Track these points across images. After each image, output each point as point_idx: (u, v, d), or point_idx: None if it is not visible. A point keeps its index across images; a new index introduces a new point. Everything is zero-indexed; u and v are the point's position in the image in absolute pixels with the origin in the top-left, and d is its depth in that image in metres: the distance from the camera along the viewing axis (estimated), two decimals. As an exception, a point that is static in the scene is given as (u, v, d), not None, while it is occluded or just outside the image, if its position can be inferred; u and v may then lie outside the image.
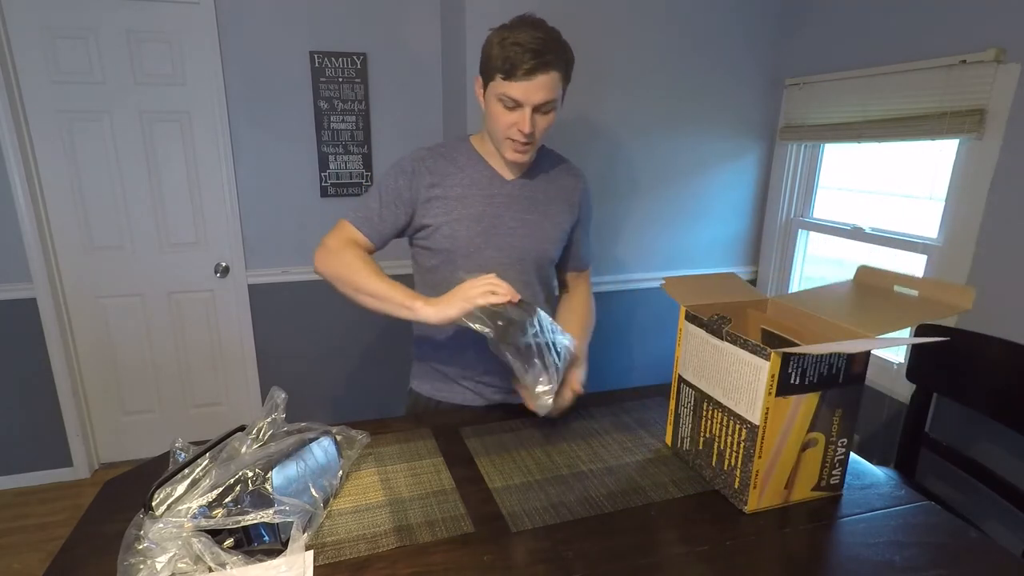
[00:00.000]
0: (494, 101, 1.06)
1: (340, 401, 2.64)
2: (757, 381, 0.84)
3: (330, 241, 1.15)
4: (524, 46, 0.99)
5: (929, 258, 1.82)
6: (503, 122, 1.07)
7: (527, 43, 1.00)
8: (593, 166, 2.19)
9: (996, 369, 1.39)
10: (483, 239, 1.16)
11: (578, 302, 1.34)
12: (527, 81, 1.01)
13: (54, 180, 2.18)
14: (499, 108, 1.06)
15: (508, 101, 1.04)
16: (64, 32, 2.05)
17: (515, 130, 1.06)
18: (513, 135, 1.07)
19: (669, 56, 2.15)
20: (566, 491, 0.95)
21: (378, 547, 0.81)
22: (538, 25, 1.04)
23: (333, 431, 1.00)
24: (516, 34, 1.01)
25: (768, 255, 2.46)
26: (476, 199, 1.16)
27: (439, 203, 1.15)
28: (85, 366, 2.38)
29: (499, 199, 1.17)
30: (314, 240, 2.45)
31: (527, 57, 1.00)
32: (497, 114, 1.07)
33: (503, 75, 1.02)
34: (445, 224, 1.15)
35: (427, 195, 1.15)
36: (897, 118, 1.83)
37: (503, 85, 1.03)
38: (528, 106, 1.04)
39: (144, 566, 0.72)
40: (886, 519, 0.89)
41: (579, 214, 1.28)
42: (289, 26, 2.21)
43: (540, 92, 1.03)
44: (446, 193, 1.15)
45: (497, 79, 1.03)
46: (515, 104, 1.04)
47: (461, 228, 1.15)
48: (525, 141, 1.08)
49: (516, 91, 1.02)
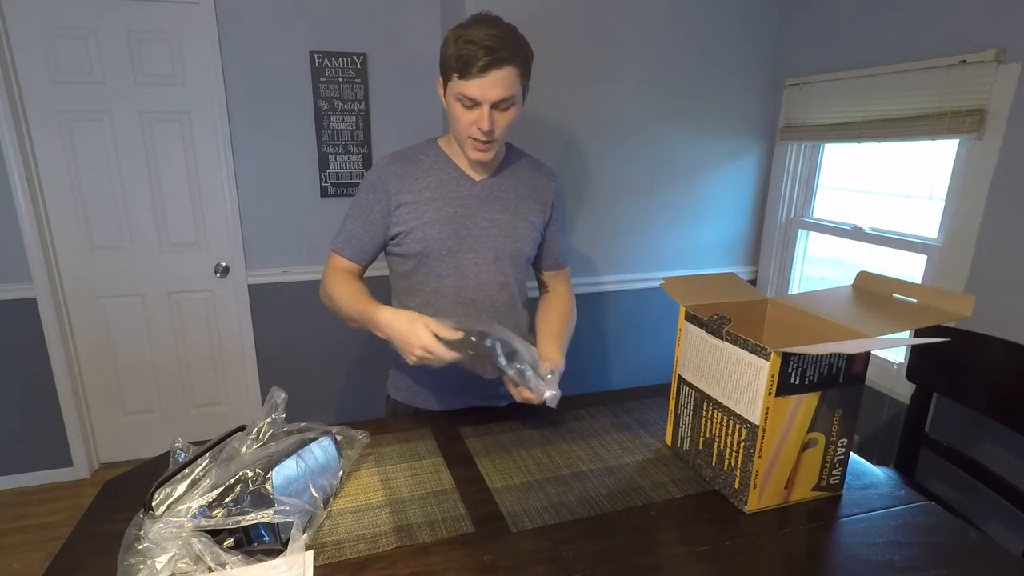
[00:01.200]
0: (453, 101, 1.06)
1: (340, 401, 2.64)
2: (757, 381, 0.84)
3: (324, 275, 1.20)
4: (478, 43, 0.99)
5: (929, 258, 1.82)
6: (463, 121, 1.07)
7: (481, 40, 1.00)
8: (593, 166, 2.19)
9: (996, 369, 1.39)
10: (455, 241, 1.16)
11: (557, 301, 1.32)
12: (482, 78, 1.01)
13: (54, 180, 2.18)
14: (458, 107, 1.06)
15: (466, 100, 1.04)
16: (64, 32, 2.05)
17: (475, 128, 1.06)
18: (473, 134, 1.07)
19: (669, 56, 2.15)
20: (566, 491, 0.95)
21: (378, 547, 0.81)
22: (492, 22, 1.04)
23: (333, 431, 1.00)
24: (470, 32, 1.01)
25: (768, 255, 2.46)
26: (445, 201, 1.16)
27: (408, 208, 1.15)
28: (85, 366, 2.38)
29: (469, 200, 1.17)
30: (314, 240, 2.47)
31: (481, 54, 1.00)
32: (457, 114, 1.07)
33: (458, 74, 1.02)
34: (416, 228, 1.15)
35: (397, 202, 1.15)
36: (897, 118, 1.83)
37: (459, 84, 1.03)
38: (486, 104, 1.04)
39: (144, 566, 0.72)
40: (886, 519, 0.89)
41: (552, 213, 1.27)
42: (289, 26, 2.21)
43: (496, 89, 1.03)
44: (415, 198, 1.15)
45: (454, 78, 1.04)
46: (473, 103, 1.04)
47: (432, 231, 1.14)
48: (485, 139, 1.08)
49: (472, 89, 1.02)
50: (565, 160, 2.14)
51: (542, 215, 1.25)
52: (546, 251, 1.31)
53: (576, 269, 2.27)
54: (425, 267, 1.18)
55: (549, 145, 2.11)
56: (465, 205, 1.16)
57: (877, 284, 1.01)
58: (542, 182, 1.25)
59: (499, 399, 1.26)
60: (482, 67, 1.00)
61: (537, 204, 1.24)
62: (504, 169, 1.21)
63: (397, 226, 1.16)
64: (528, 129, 2.07)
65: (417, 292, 1.20)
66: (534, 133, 2.08)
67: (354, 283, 1.16)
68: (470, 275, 1.18)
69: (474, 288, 1.19)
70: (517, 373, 1.02)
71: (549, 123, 2.09)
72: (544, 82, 2.04)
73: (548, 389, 1.03)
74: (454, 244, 1.16)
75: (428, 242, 1.15)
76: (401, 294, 1.24)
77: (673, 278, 1.08)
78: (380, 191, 1.16)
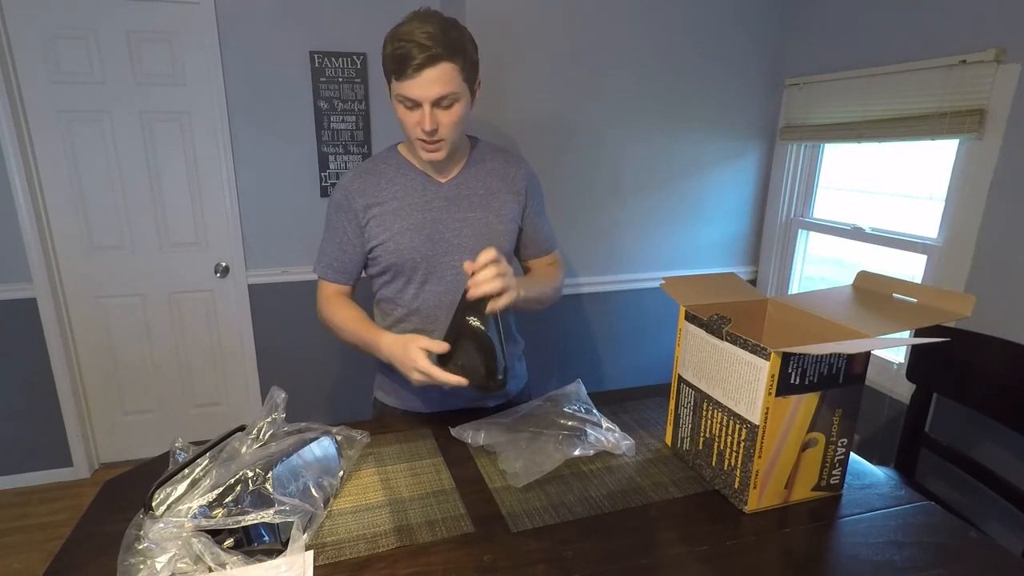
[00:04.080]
0: (396, 103, 1.04)
1: (340, 401, 2.64)
2: (757, 381, 0.84)
3: (318, 301, 1.21)
4: (412, 41, 0.96)
5: (929, 258, 1.82)
6: (408, 123, 1.04)
7: (414, 38, 0.96)
8: (593, 166, 2.19)
9: (996, 369, 1.39)
10: (429, 247, 1.14)
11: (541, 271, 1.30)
12: (418, 77, 0.97)
13: (54, 180, 2.18)
14: (401, 109, 1.03)
15: (407, 101, 1.01)
16: (64, 32, 2.05)
17: (418, 129, 1.03)
18: (418, 134, 1.04)
19: (669, 56, 2.15)
20: (566, 491, 0.95)
21: (378, 547, 0.81)
22: (428, 18, 0.99)
23: (333, 431, 1.00)
24: (403, 30, 0.97)
25: (768, 255, 2.46)
26: (413, 208, 1.13)
27: (377, 221, 1.13)
28: (85, 366, 2.38)
29: (436, 203, 1.14)
30: (314, 240, 2.45)
31: (414, 52, 0.96)
32: (401, 115, 1.04)
33: (395, 75, 0.99)
34: (388, 240, 1.13)
35: (365, 217, 1.13)
36: (897, 118, 1.83)
37: (398, 85, 1.00)
38: (426, 103, 1.00)
39: (144, 566, 0.72)
40: (886, 519, 0.89)
41: (526, 200, 1.23)
42: (289, 26, 2.21)
43: (434, 87, 0.99)
44: (382, 210, 1.13)
45: (393, 80, 1.01)
46: (413, 103, 1.01)
47: (404, 240, 1.12)
48: (431, 139, 1.05)
49: (410, 89, 0.99)
50: (565, 160, 2.14)
51: (517, 205, 1.22)
52: (529, 239, 1.28)
53: (576, 269, 2.27)
54: (403, 277, 1.16)
55: (549, 145, 2.11)
56: (434, 209, 1.14)
57: (877, 284, 1.01)
58: (512, 171, 1.22)
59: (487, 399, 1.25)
60: (417, 66, 0.96)
61: (510, 195, 1.20)
62: (471, 166, 1.18)
63: (370, 241, 1.15)
64: (527, 130, 2.07)
65: (397, 303, 1.19)
66: (533, 134, 2.08)
67: (349, 308, 1.16)
68: (448, 279, 1.16)
69: (455, 292, 1.15)
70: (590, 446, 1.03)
71: (549, 123, 2.09)
72: (543, 82, 2.04)
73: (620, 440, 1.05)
74: (428, 250, 1.14)
75: (401, 252, 1.13)
76: (383, 305, 1.23)
77: (673, 278, 1.08)
78: (347, 210, 1.14)
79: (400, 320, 1.20)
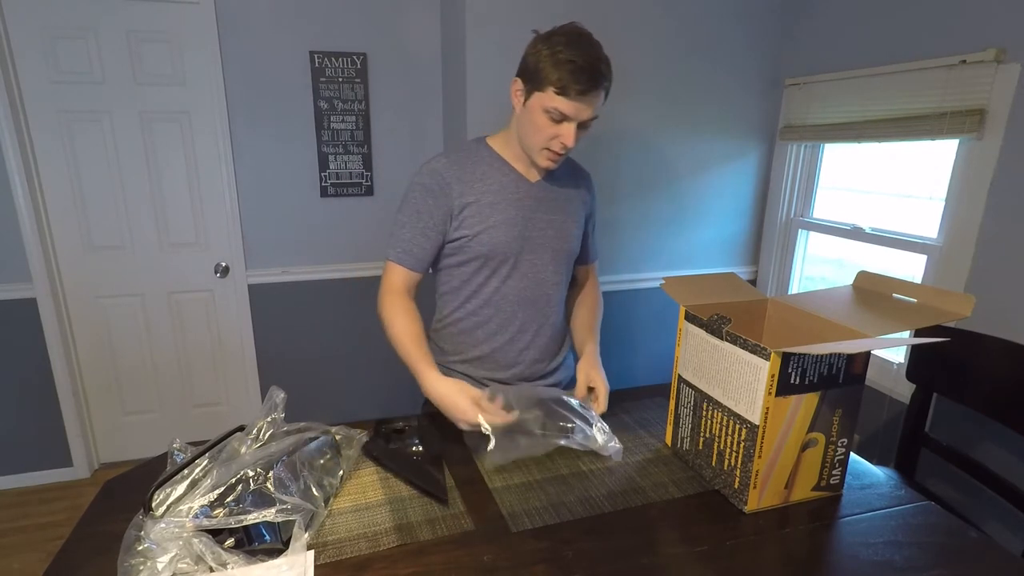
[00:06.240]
0: (539, 111, 1.06)
1: (340, 401, 2.64)
2: (757, 381, 0.84)
3: (381, 290, 1.18)
4: (579, 65, 1.00)
5: (929, 258, 1.82)
6: (545, 133, 1.07)
7: (582, 62, 1.00)
8: (593, 166, 2.17)
9: (996, 369, 1.39)
10: (519, 243, 1.17)
11: (589, 296, 1.38)
12: (580, 101, 1.02)
13: (54, 180, 2.18)
14: (544, 119, 1.06)
15: (556, 114, 1.04)
16: (64, 32, 2.05)
17: (557, 142, 1.08)
18: (554, 146, 1.09)
19: (669, 56, 2.15)
20: (566, 491, 0.95)
21: (379, 546, 0.81)
22: (591, 42, 1.05)
23: (333, 431, 1.01)
24: (571, 50, 1.01)
25: (768, 255, 2.46)
26: (508, 204, 1.16)
27: (472, 210, 1.14)
28: (85, 366, 2.38)
29: (527, 202, 1.18)
30: (314, 240, 2.47)
31: (584, 77, 1.00)
32: (541, 125, 1.07)
33: (557, 90, 1.02)
34: (483, 232, 1.15)
35: (460, 204, 1.14)
36: (897, 118, 1.83)
37: (554, 99, 1.03)
38: (575, 121, 1.05)
39: (145, 567, 0.72)
40: (886, 519, 0.89)
41: (590, 209, 1.31)
42: (289, 26, 2.21)
43: (588, 110, 1.05)
44: (479, 200, 1.15)
45: (549, 92, 1.03)
46: (563, 118, 1.05)
47: (499, 234, 1.15)
48: (563, 152, 1.10)
49: (568, 108, 1.03)
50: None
51: (584, 213, 1.29)
52: (583, 246, 1.33)
53: (576, 269, 2.27)
54: (487, 269, 1.18)
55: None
56: (525, 207, 1.18)
57: (877, 284, 1.01)
58: (582, 180, 1.29)
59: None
60: (582, 90, 1.01)
61: (580, 202, 1.27)
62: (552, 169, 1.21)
63: (461, 229, 1.15)
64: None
65: (476, 294, 1.20)
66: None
67: (411, 320, 1.14)
68: (530, 275, 1.20)
69: (533, 288, 1.21)
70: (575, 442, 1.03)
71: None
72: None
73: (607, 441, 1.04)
74: (517, 246, 1.17)
75: (494, 244, 1.15)
76: (457, 294, 1.23)
77: (673, 278, 1.08)
78: (440, 195, 1.14)
79: (474, 312, 1.22)
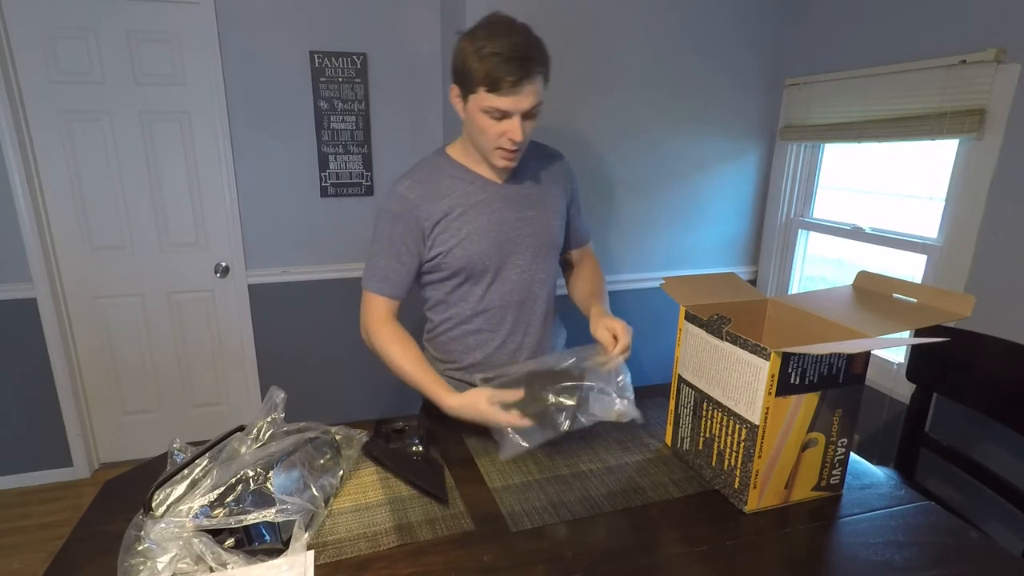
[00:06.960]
0: (479, 113, 1.03)
1: (340, 401, 2.64)
2: (757, 381, 0.84)
3: (366, 323, 1.16)
4: (505, 56, 0.95)
5: (929, 258, 1.82)
6: (491, 133, 1.04)
7: (507, 52, 0.95)
8: (593, 166, 2.19)
9: (996, 369, 1.39)
10: (496, 249, 1.15)
11: (587, 270, 1.36)
12: (515, 93, 0.98)
13: (54, 180, 2.18)
14: (486, 120, 1.03)
15: (495, 113, 1.01)
16: (64, 32, 2.05)
17: (505, 139, 1.04)
18: (503, 144, 1.05)
19: (669, 56, 2.15)
20: (566, 491, 0.95)
21: (379, 546, 0.81)
22: (511, 28, 0.99)
23: (333, 431, 1.01)
24: (493, 43, 0.96)
25: (768, 255, 2.46)
26: (478, 212, 1.13)
27: (442, 227, 1.12)
28: (85, 366, 2.38)
29: (497, 205, 1.15)
30: (314, 240, 2.46)
31: (512, 68, 0.96)
32: (485, 126, 1.04)
33: (487, 88, 0.98)
34: (456, 246, 1.12)
35: (429, 225, 1.12)
36: (897, 118, 1.83)
37: (488, 98, 0.99)
38: (517, 115, 1.01)
39: (145, 567, 0.72)
40: (886, 519, 0.89)
41: (571, 195, 1.28)
42: (289, 26, 2.21)
43: (527, 100, 1.00)
44: (448, 215, 1.12)
45: (480, 92, 1.00)
46: (503, 114, 1.01)
47: (473, 245, 1.13)
48: (515, 148, 1.06)
49: (505, 103, 0.99)
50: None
51: (564, 198, 1.25)
52: (571, 231, 1.31)
53: (576, 269, 2.27)
54: (471, 280, 1.16)
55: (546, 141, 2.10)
56: (497, 211, 1.15)
57: (877, 284, 1.01)
58: (557, 166, 1.25)
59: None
60: (514, 82, 0.97)
61: (559, 189, 1.24)
62: (521, 164, 1.18)
63: (435, 248, 1.13)
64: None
65: (463, 306, 1.19)
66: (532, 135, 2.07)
67: (405, 344, 1.13)
68: (513, 278, 1.18)
69: (519, 290, 1.19)
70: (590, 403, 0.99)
71: (548, 124, 2.09)
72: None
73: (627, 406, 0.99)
74: (495, 252, 1.15)
75: (471, 256, 1.13)
76: (444, 309, 1.21)
77: (673, 278, 1.08)
78: (409, 219, 1.11)
79: (463, 322, 1.20)
